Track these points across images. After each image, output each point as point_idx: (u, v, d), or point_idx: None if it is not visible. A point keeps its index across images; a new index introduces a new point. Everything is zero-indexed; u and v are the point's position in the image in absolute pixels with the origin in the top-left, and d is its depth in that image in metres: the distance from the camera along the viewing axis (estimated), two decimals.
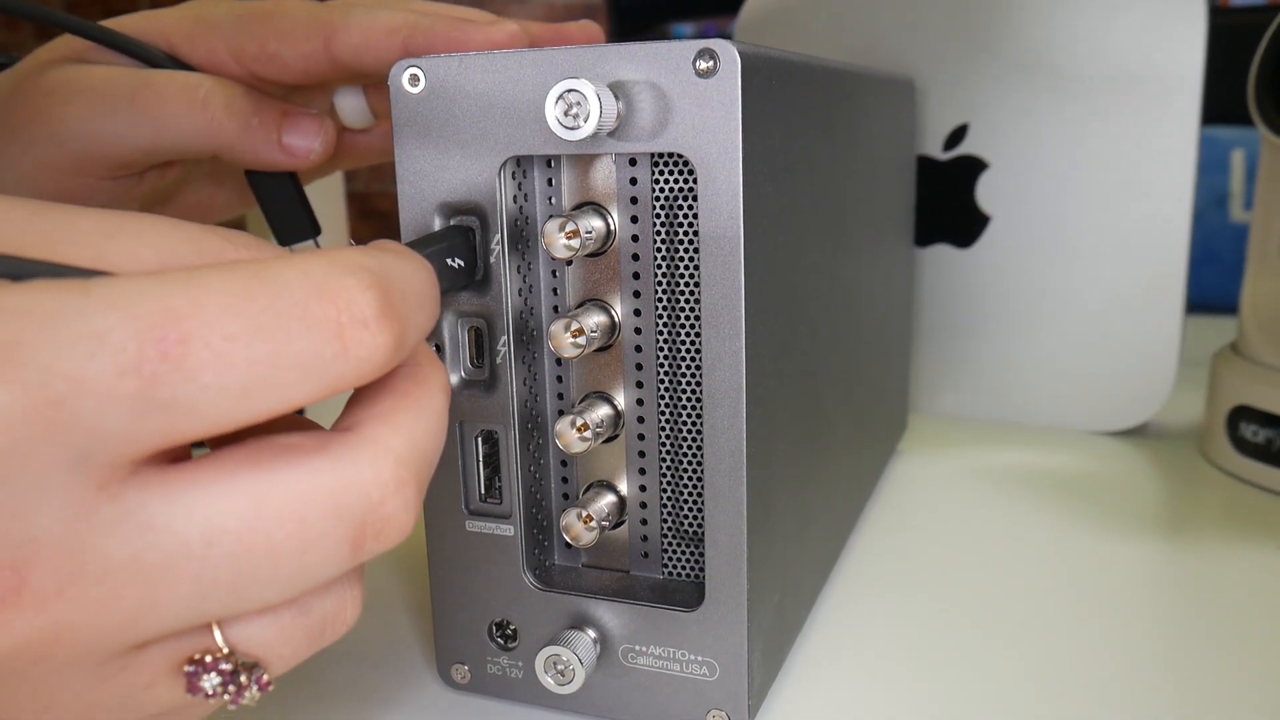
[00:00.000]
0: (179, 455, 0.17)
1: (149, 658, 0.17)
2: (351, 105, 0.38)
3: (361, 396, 0.19)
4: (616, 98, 0.25)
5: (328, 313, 0.16)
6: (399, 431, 0.18)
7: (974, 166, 0.55)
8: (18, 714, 0.17)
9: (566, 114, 0.24)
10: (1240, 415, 0.47)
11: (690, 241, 0.27)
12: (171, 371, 0.15)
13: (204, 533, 0.16)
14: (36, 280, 0.15)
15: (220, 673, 0.18)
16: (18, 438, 0.14)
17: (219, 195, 0.40)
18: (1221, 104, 0.58)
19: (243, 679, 0.18)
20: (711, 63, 0.24)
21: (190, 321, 0.15)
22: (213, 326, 0.15)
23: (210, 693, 0.18)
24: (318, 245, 0.38)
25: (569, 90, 0.24)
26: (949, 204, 0.55)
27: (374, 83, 0.38)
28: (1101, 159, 0.52)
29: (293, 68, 0.33)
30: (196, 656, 0.18)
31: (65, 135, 0.33)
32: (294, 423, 0.19)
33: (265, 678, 0.18)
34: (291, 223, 0.37)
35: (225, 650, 0.18)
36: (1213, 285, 0.76)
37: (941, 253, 0.56)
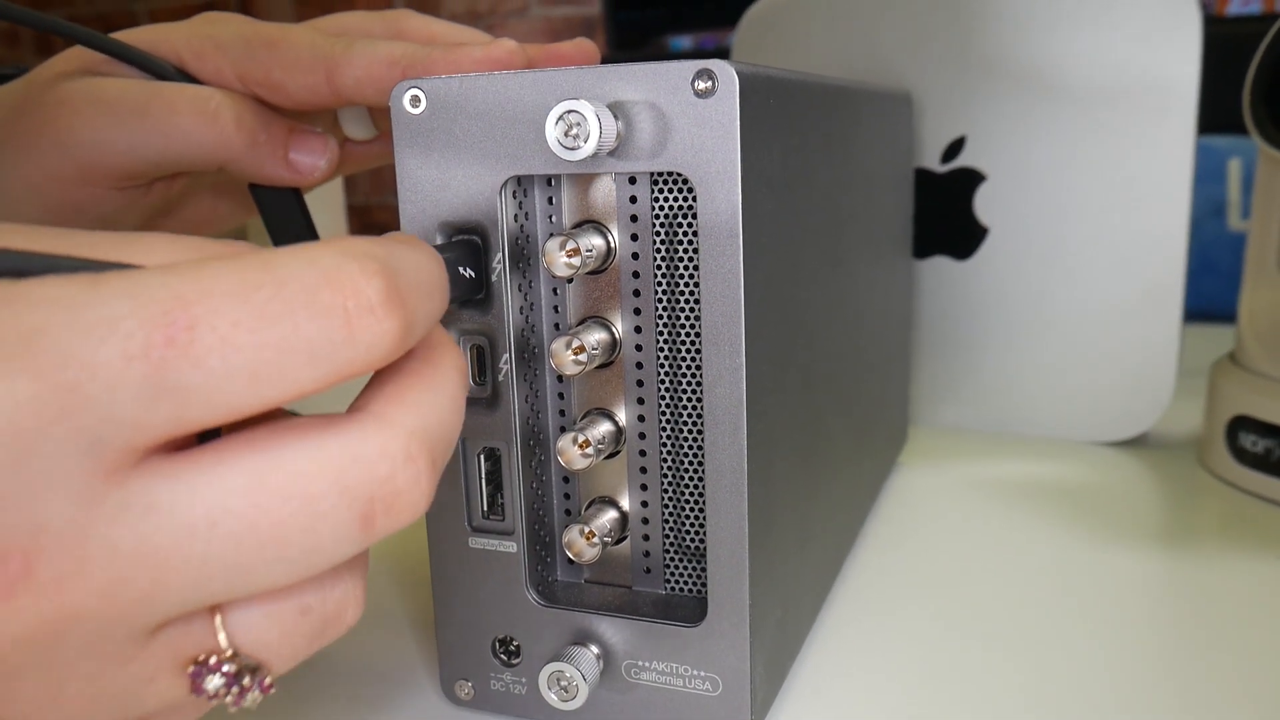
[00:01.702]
0: (189, 445, 0.17)
1: (154, 650, 0.17)
2: (354, 118, 0.38)
3: (374, 381, 0.20)
4: (616, 118, 0.25)
5: (334, 299, 0.17)
6: (408, 408, 0.19)
7: (972, 179, 0.55)
8: (27, 704, 0.17)
9: (567, 134, 0.25)
10: (1239, 425, 0.47)
11: (690, 259, 0.27)
12: (179, 357, 0.15)
13: (207, 514, 0.16)
14: (52, 274, 0.16)
15: (224, 675, 0.18)
16: (31, 424, 0.15)
17: (222, 206, 0.41)
18: (1218, 113, 0.58)
19: (245, 680, 0.18)
20: (710, 83, 0.24)
21: (197, 308, 0.16)
22: (220, 313, 0.16)
23: (213, 694, 0.18)
24: None
25: (569, 111, 0.24)
26: (947, 216, 0.56)
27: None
28: (1099, 170, 0.52)
29: (295, 97, 0.34)
30: (201, 658, 0.18)
31: (75, 145, 0.33)
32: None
33: (268, 680, 0.19)
34: (293, 235, 0.38)
35: (229, 652, 0.18)
36: (1211, 294, 0.76)
37: (940, 264, 0.57)
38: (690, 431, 0.29)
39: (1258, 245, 0.49)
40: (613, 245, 0.28)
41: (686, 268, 0.27)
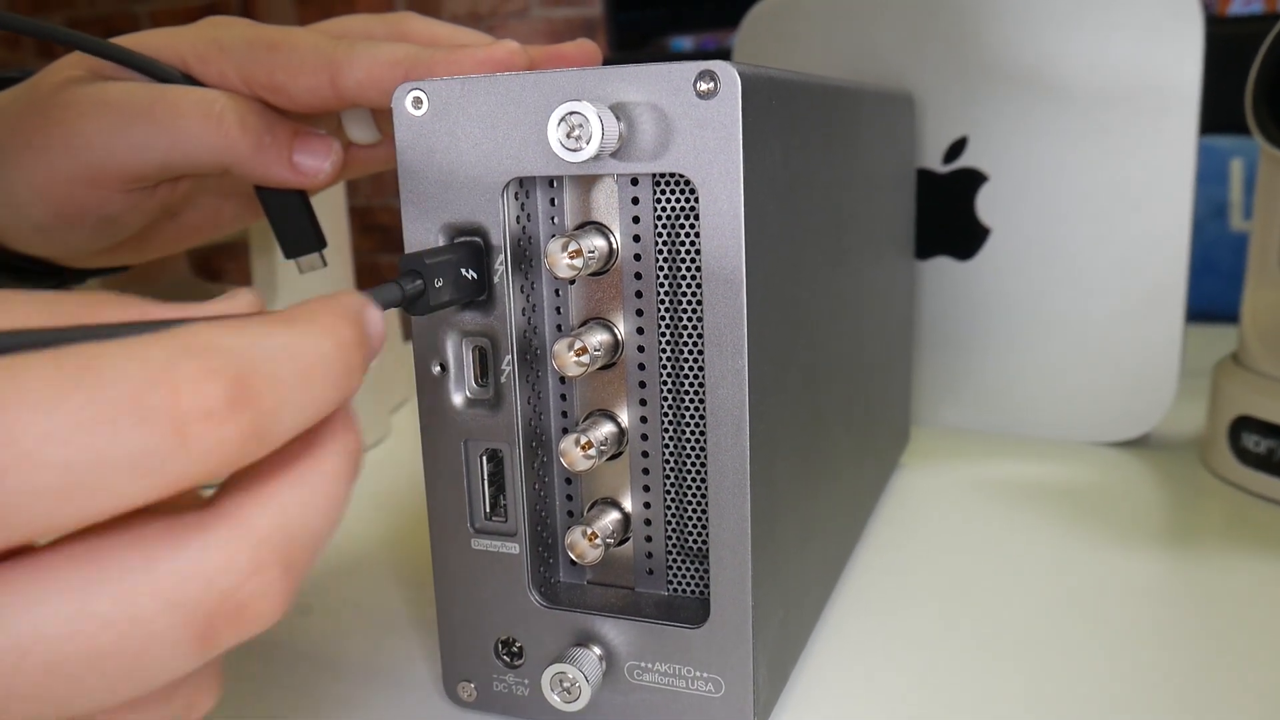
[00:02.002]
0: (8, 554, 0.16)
1: None
2: (358, 123, 0.39)
3: (240, 471, 0.17)
4: (618, 119, 0.25)
5: (163, 404, 0.15)
6: (265, 507, 0.17)
7: (974, 179, 0.55)
8: None
9: (569, 136, 0.25)
10: (1242, 425, 0.47)
11: (692, 260, 0.27)
12: None
13: (17, 643, 0.15)
14: None
15: None
16: None
17: (226, 209, 0.41)
18: (1219, 113, 0.58)
19: None
20: (712, 84, 0.24)
21: None
22: (23, 424, 0.14)
23: None
24: (323, 258, 0.38)
25: (571, 112, 0.25)
26: (949, 217, 0.56)
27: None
28: (1101, 170, 0.52)
29: (299, 99, 0.34)
30: None
31: (81, 147, 0.33)
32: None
33: None
34: (298, 236, 0.38)
35: None
36: (1213, 295, 0.76)
37: (942, 265, 0.56)
38: (693, 432, 0.29)
39: (1260, 245, 0.49)
40: (615, 246, 0.28)
41: (689, 269, 0.27)
